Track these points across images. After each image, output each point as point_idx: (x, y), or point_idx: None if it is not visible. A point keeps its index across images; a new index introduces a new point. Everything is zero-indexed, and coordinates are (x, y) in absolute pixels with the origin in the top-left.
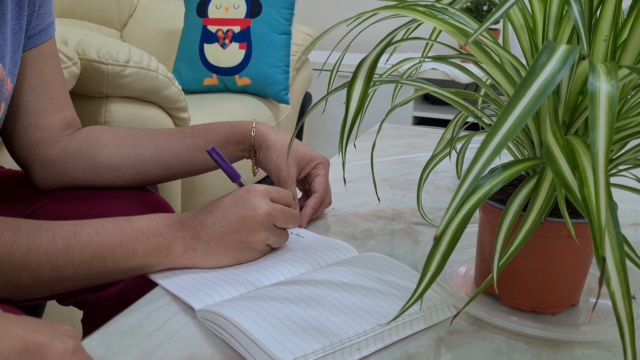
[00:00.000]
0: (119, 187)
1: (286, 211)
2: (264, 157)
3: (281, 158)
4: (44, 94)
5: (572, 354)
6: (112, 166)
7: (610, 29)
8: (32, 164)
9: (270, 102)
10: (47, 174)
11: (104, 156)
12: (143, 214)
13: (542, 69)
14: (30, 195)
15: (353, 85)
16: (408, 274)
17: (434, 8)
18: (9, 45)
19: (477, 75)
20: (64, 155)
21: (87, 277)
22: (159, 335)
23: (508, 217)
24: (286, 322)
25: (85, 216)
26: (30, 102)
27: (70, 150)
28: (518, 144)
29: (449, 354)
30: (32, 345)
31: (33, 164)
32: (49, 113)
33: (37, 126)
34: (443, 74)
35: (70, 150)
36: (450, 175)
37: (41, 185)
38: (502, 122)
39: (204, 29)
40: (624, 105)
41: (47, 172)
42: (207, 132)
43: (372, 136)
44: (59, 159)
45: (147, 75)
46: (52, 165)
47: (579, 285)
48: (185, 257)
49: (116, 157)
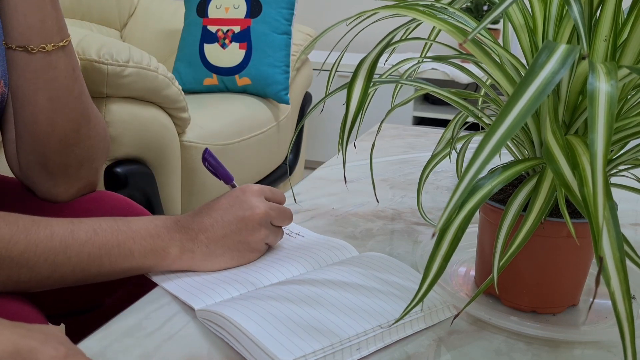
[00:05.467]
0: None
1: (281, 209)
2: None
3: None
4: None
5: (572, 354)
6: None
7: (610, 29)
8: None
9: (270, 102)
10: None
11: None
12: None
13: (541, 69)
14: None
15: (353, 85)
16: (408, 274)
17: (433, 8)
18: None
19: (477, 75)
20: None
21: (85, 277)
22: (159, 335)
23: (508, 217)
24: (286, 322)
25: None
26: (10, 114)
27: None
28: (518, 144)
29: (449, 354)
30: (23, 350)
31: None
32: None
33: (10, 139)
34: (443, 74)
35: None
36: (450, 175)
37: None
38: (501, 122)
39: (204, 29)
40: (624, 105)
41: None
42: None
43: (372, 136)
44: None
45: (147, 75)
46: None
47: (579, 285)
48: (183, 260)
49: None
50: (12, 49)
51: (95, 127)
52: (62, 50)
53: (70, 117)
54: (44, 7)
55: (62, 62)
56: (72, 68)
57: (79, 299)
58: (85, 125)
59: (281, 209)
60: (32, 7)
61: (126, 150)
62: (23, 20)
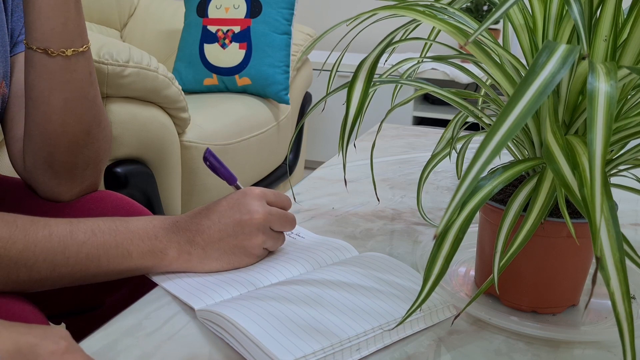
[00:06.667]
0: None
1: (283, 214)
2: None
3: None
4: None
5: (572, 354)
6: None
7: (610, 29)
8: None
9: (270, 102)
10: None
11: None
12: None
13: (542, 69)
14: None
15: (353, 85)
16: (408, 274)
17: (433, 8)
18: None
19: (477, 75)
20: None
21: (83, 277)
22: (159, 335)
23: (508, 218)
24: (286, 322)
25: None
26: (15, 112)
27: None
28: (518, 144)
29: (449, 354)
30: (24, 347)
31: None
32: (22, 124)
33: (14, 137)
34: (443, 74)
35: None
36: (450, 175)
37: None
38: (502, 122)
39: (204, 29)
40: (624, 105)
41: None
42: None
43: (372, 136)
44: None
45: (147, 75)
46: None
47: (579, 286)
48: (180, 261)
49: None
50: (32, 49)
51: (104, 130)
52: (81, 55)
53: (82, 120)
54: (68, 11)
55: (80, 66)
56: (89, 72)
57: (79, 299)
58: (96, 127)
59: (282, 213)
60: (56, 11)
61: (126, 150)
62: (46, 23)
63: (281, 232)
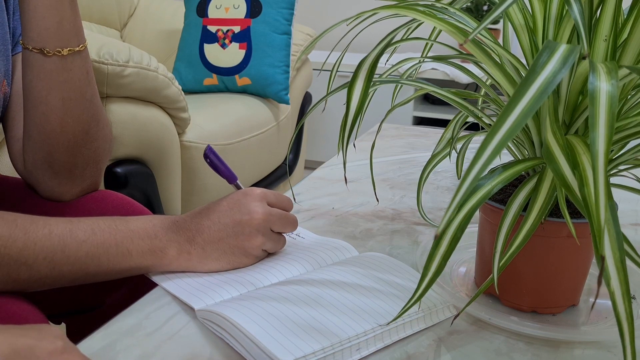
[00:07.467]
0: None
1: (283, 216)
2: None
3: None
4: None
5: (572, 354)
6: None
7: (610, 28)
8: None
9: (270, 102)
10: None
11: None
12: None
13: (542, 69)
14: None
15: (353, 85)
16: (408, 274)
17: (433, 8)
18: (2, 45)
19: (477, 75)
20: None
21: (83, 276)
22: (159, 335)
23: (508, 217)
24: (286, 322)
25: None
26: (16, 112)
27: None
28: (518, 144)
29: (449, 354)
30: (21, 349)
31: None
32: (22, 123)
33: (14, 137)
34: (443, 74)
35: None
36: (450, 175)
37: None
38: (502, 122)
39: (204, 29)
40: (624, 105)
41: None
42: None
43: (372, 136)
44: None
45: (147, 75)
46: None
47: (579, 285)
48: (180, 261)
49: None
50: (28, 49)
51: (103, 129)
52: (78, 54)
53: (81, 119)
54: (63, 10)
55: (77, 65)
56: (87, 71)
57: (79, 299)
58: (95, 127)
59: (283, 214)
60: (51, 10)
61: (126, 150)
62: (41, 23)
63: (282, 235)
